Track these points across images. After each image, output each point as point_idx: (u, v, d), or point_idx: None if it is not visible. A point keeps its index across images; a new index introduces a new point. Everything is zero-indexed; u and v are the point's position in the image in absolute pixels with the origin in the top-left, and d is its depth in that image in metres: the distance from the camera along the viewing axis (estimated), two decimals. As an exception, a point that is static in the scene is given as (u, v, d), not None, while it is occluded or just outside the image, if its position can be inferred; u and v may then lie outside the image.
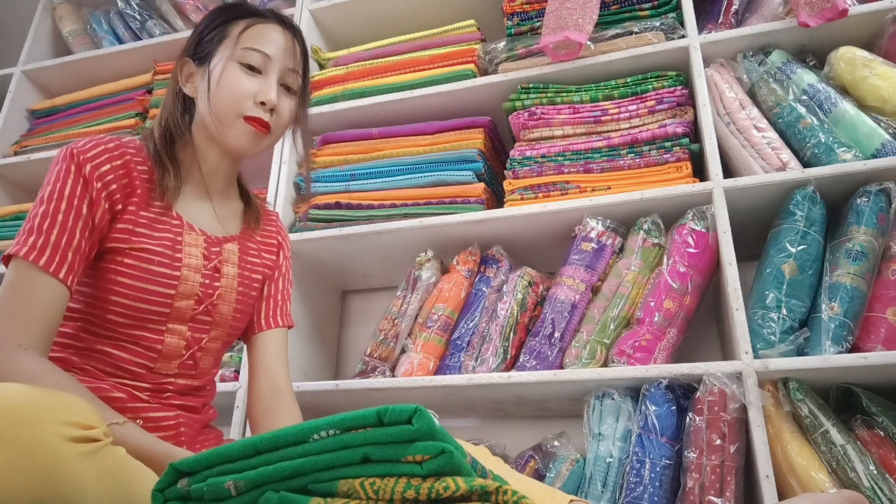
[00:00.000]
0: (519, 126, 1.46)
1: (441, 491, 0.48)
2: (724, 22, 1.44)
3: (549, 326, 1.26)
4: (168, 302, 0.89)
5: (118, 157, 0.89)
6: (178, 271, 0.90)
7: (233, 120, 0.92)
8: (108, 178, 0.87)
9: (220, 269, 0.96)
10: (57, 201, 0.84)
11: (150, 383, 0.90)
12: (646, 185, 1.30)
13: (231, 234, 1.01)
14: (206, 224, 0.97)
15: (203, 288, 0.93)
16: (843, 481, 0.98)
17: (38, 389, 0.56)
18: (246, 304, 1.01)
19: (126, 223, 0.88)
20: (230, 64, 0.93)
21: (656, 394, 1.13)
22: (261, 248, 1.06)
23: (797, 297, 1.14)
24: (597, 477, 1.14)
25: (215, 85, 0.93)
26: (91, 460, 0.55)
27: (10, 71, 2.06)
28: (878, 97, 1.25)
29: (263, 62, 0.94)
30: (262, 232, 1.07)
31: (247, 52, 0.93)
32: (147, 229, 0.90)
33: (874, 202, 1.16)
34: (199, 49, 0.97)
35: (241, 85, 0.92)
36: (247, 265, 1.01)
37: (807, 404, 1.06)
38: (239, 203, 1.05)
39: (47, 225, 0.82)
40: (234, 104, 0.92)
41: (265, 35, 0.95)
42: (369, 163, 1.54)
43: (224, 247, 0.98)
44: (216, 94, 0.93)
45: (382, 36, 1.72)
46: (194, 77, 0.97)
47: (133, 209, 0.89)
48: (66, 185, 0.85)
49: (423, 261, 1.46)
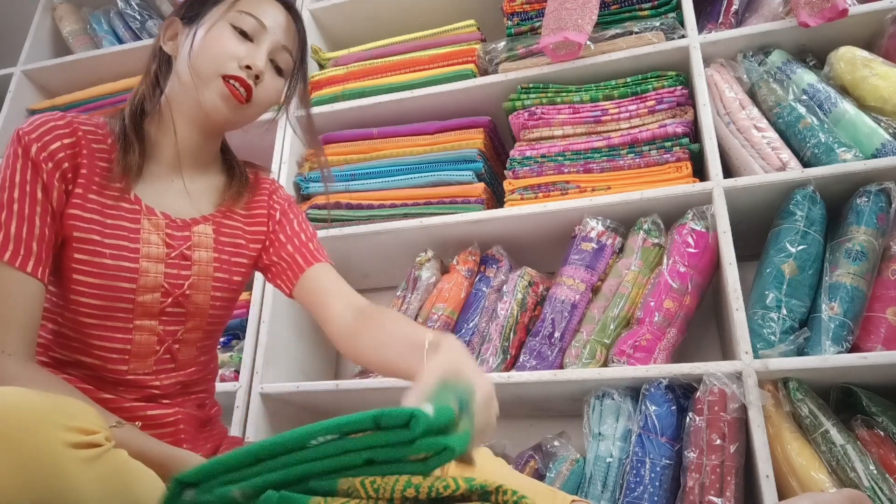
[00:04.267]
0: (519, 126, 1.46)
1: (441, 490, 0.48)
2: (724, 22, 1.44)
3: (549, 326, 1.26)
4: (129, 297, 0.81)
5: (69, 134, 0.81)
6: (136, 263, 0.82)
7: (211, 78, 0.84)
8: (58, 157, 0.80)
9: (189, 255, 0.87)
10: (9, 190, 0.77)
11: (135, 391, 0.84)
12: (646, 185, 1.30)
13: (205, 213, 0.91)
14: (172, 206, 0.88)
15: (170, 279, 0.84)
16: (843, 481, 0.98)
17: (39, 394, 0.55)
18: (228, 290, 0.91)
19: (74, 208, 0.80)
20: (221, 23, 0.85)
21: (656, 394, 1.13)
22: (246, 224, 0.95)
23: (797, 297, 1.14)
24: (597, 477, 1.14)
25: (199, 41, 0.84)
26: (93, 465, 0.54)
27: (10, 71, 2.06)
28: (878, 97, 1.25)
29: (257, 30, 0.87)
30: (250, 204, 0.96)
31: (242, 16, 0.86)
32: (97, 215, 0.82)
33: (874, 202, 1.16)
34: (191, 9, 0.89)
35: (229, 46, 0.84)
36: (226, 246, 0.91)
37: (807, 404, 1.06)
38: (219, 178, 0.95)
39: (4, 217, 0.76)
40: (216, 62, 0.83)
41: (264, 5, 0.88)
42: (369, 163, 1.54)
43: (194, 230, 0.88)
44: (199, 50, 0.84)
45: (382, 36, 1.72)
46: (179, 37, 0.89)
47: (80, 192, 0.81)
48: (17, 170, 0.78)
49: (423, 261, 1.46)
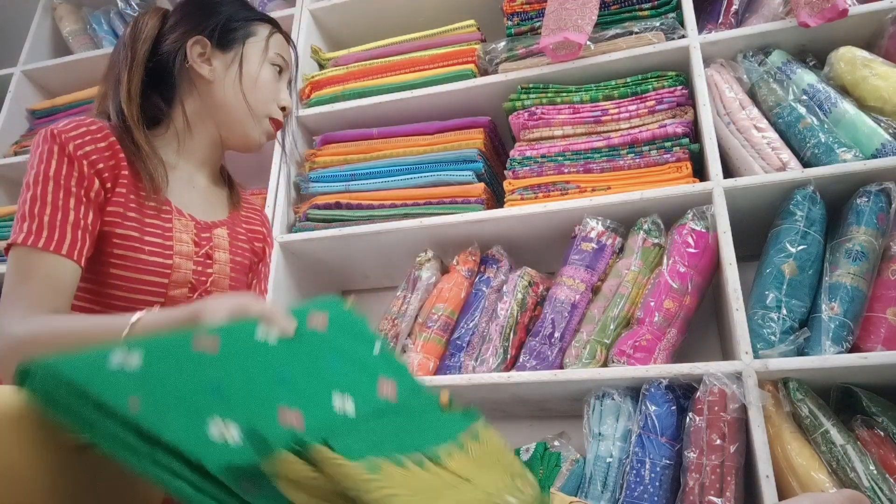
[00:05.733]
0: (519, 126, 1.46)
1: None
2: (724, 22, 1.44)
3: (549, 326, 1.26)
4: (162, 291, 0.87)
5: (102, 139, 0.86)
6: (170, 259, 0.88)
7: (261, 118, 0.98)
8: (93, 158, 0.84)
9: (211, 255, 0.95)
10: (44, 183, 0.81)
11: None
12: (646, 185, 1.30)
13: (219, 219, 1.00)
14: (195, 209, 0.96)
15: (196, 275, 0.92)
16: (843, 481, 0.98)
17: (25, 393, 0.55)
18: (239, 290, 1.00)
19: (116, 205, 0.86)
20: (266, 64, 0.98)
21: (656, 394, 1.13)
22: (248, 235, 1.06)
23: (797, 297, 1.14)
24: (597, 477, 1.14)
25: (253, 80, 0.96)
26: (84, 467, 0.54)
27: (10, 71, 2.06)
28: (878, 97, 1.25)
29: (284, 70, 1.01)
30: (246, 218, 1.07)
31: (277, 57, 0.99)
32: (137, 213, 0.87)
33: (874, 202, 1.16)
34: (223, 34, 0.96)
35: (275, 88, 0.99)
36: (237, 251, 1.01)
37: (807, 404, 1.06)
38: (224, 188, 1.06)
39: (38, 208, 0.80)
40: (268, 104, 0.98)
41: (285, 45, 1.02)
42: (369, 163, 1.54)
43: (214, 232, 0.97)
44: (255, 89, 0.96)
45: (382, 36, 1.72)
46: (212, 60, 0.96)
47: (123, 191, 0.86)
48: (51, 165, 0.82)
49: (423, 261, 1.46)
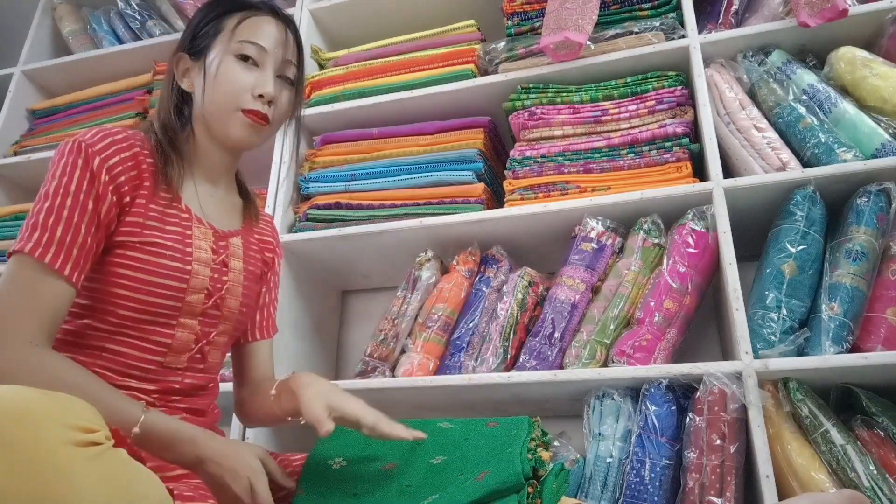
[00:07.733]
0: (519, 126, 1.46)
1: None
2: (724, 22, 1.44)
3: (549, 326, 1.26)
4: (180, 296, 0.89)
5: (127, 148, 0.88)
6: (189, 265, 0.90)
7: (231, 113, 0.93)
8: (116, 171, 0.85)
9: (227, 263, 0.96)
10: (63, 197, 0.82)
11: (157, 384, 0.89)
12: (646, 185, 1.30)
13: (234, 228, 1.01)
14: (212, 218, 0.97)
15: (212, 282, 0.93)
16: (843, 481, 0.98)
17: (38, 391, 0.55)
18: (251, 298, 1.02)
19: (136, 216, 0.87)
20: (226, 57, 0.94)
21: (656, 394, 1.13)
22: (260, 245, 1.07)
23: (797, 297, 1.14)
24: (597, 477, 1.14)
25: (212, 79, 0.93)
26: (93, 464, 0.54)
27: (10, 71, 2.06)
28: (878, 97, 1.25)
29: (260, 54, 0.95)
30: (259, 230, 1.08)
31: (242, 45, 0.94)
32: (157, 222, 0.89)
33: (874, 202, 1.16)
34: (195, 44, 0.97)
35: (239, 78, 0.93)
36: (250, 260, 1.02)
37: (807, 404, 1.06)
38: (238, 198, 1.06)
39: (52, 221, 0.81)
40: (232, 98, 0.93)
41: (260, 27, 0.96)
42: (369, 163, 1.54)
43: (230, 241, 0.98)
44: (214, 89, 0.93)
45: (382, 36, 1.72)
46: (191, 72, 0.97)
47: (143, 202, 0.88)
48: (73, 179, 0.83)
49: (423, 261, 1.46)
